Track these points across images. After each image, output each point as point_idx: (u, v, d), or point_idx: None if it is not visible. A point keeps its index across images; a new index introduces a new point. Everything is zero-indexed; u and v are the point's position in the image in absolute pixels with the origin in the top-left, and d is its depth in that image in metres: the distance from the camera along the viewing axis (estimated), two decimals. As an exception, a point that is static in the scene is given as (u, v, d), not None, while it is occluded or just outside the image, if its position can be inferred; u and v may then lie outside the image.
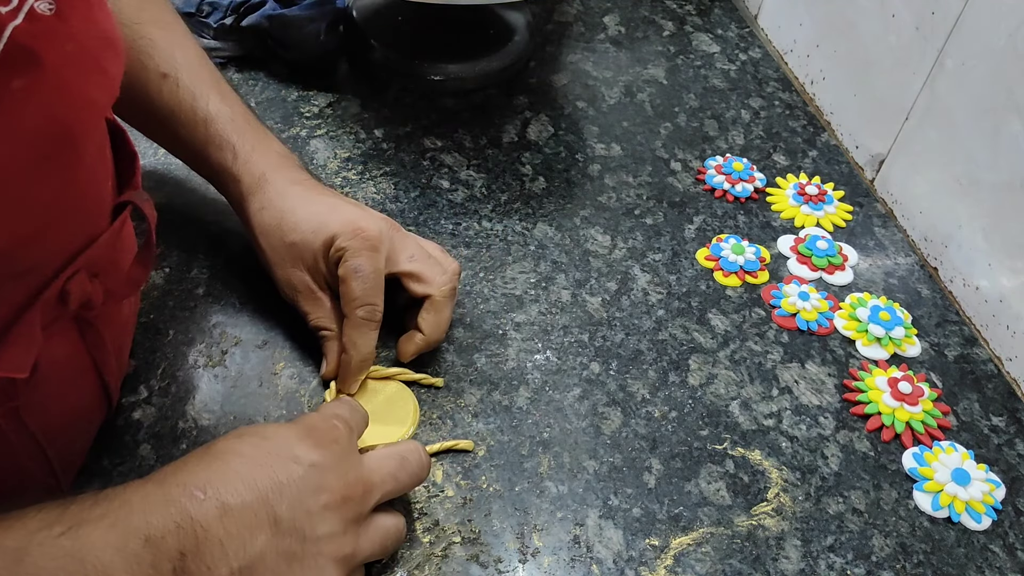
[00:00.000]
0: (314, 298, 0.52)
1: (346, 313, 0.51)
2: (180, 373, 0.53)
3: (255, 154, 0.54)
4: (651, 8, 0.92)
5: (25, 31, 0.31)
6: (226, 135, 0.54)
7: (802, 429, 0.54)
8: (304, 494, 0.38)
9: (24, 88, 0.31)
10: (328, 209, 0.52)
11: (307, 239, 0.51)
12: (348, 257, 0.50)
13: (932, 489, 0.51)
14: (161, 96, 0.53)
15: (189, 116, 0.54)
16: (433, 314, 0.53)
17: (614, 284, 0.62)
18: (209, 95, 0.54)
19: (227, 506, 0.36)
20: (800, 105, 0.80)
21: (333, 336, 0.52)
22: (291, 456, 0.39)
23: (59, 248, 0.38)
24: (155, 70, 0.53)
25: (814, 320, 0.60)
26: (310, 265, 0.52)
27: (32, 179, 0.34)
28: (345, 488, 0.40)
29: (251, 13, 0.75)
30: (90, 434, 0.48)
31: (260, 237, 0.53)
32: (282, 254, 0.52)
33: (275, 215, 0.53)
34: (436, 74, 0.77)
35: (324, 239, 0.51)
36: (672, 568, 0.46)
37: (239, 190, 0.54)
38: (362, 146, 0.71)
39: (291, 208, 0.53)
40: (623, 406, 0.54)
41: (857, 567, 0.47)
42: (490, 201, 0.67)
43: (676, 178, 0.71)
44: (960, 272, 0.64)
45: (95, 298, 0.40)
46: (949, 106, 0.64)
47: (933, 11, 0.64)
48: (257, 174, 0.54)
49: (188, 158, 0.57)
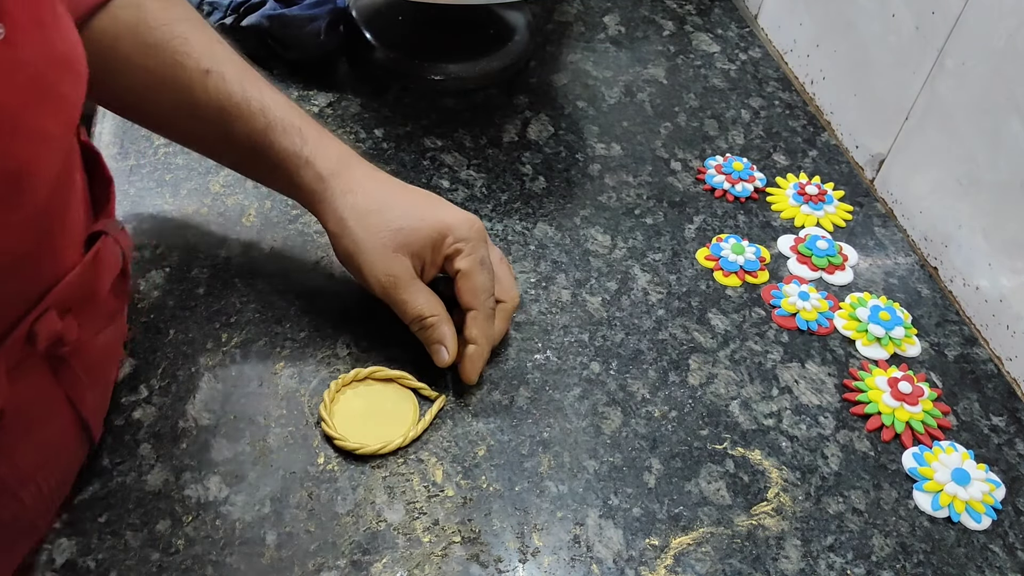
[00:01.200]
0: (415, 286, 0.51)
1: (471, 305, 0.51)
2: (180, 373, 0.53)
3: (324, 137, 0.53)
4: (651, 8, 0.92)
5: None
6: (289, 119, 0.52)
7: (802, 429, 0.54)
8: None
9: None
10: (431, 200, 0.53)
11: (417, 226, 0.51)
12: (471, 250, 0.51)
13: (932, 489, 0.51)
14: (207, 92, 0.51)
15: (243, 107, 0.51)
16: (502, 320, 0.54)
17: (614, 284, 0.62)
18: (259, 85, 0.52)
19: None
20: (800, 105, 0.80)
21: (440, 321, 0.51)
22: None
23: (23, 288, 0.36)
24: (196, 68, 0.51)
25: (814, 320, 0.60)
26: (415, 252, 0.51)
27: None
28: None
29: (251, 13, 0.75)
30: (71, 470, 0.46)
31: (351, 220, 0.51)
32: (384, 239, 0.50)
33: (373, 199, 0.51)
34: (436, 74, 0.77)
35: (438, 229, 0.51)
36: (672, 568, 0.46)
37: (314, 172, 0.52)
38: (362, 146, 0.71)
39: (390, 192, 0.52)
40: (623, 406, 0.54)
41: (857, 567, 0.47)
42: (490, 201, 0.67)
43: (676, 178, 0.71)
44: (960, 272, 0.64)
45: (68, 335, 0.38)
46: (949, 106, 0.64)
47: (933, 11, 0.64)
48: (334, 156, 0.52)
49: (244, 153, 0.53)
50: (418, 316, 0.51)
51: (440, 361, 0.52)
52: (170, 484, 0.47)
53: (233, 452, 0.49)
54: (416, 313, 0.51)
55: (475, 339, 0.52)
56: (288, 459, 0.49)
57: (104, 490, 0.47)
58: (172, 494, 0.47)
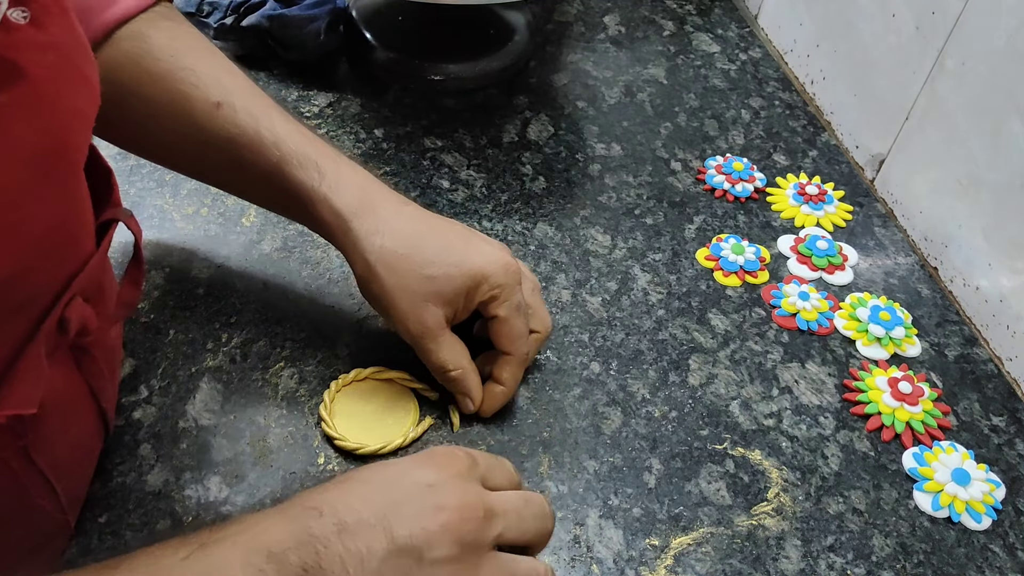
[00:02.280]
0: (443, 337, 0.50)
1: (510, 351, 0.50)
2: (180, 373, 0.53)
3: (343, 169, 0.50)
4: (651, 8, 0.92)
5: (1, 42, 0.30)
6: (304, 152, 0.49)
7: (802, 429, 0.54)
8: (422, 512, 0.36)
9: (10, 102, 0.30)
10: (463, 241, 0.50)
11: (451, 274, 0.48)
12: (507, 296, 0.49)
13: (932, 489, 0.51)
14: (215, 124, 0.49)
15: (254, 139, 0.49)
16: (534, 349, 0.53)
17: (614, 284, 0.62)
18: (271, 115, 0.50)
19: (345, 524, 0.35)
20: (800, 105, 0.80)
21: (464, 374, 0.50)
22: (410, 478, 0.38)
23: (56, 274, 0.37)
24: (204, 100, 0.49)
25: (814, 320, 0.60)
26: (447, 300, 0.49)
27: (34, 199, 0.33)
28: (463, 507, 0.37)
29: (251, 13, 0.75)
30: (92, 465, 0.47)
31: (379, 265, 0.48)
32: (414, 287, 0.48)
33: (401, 242, 0.48)
34: (436, 74, 0.77)
35: (473, 276, 0.49)
36: (672, 568, 0.46)
37: (334, 210, 0.49)
38: (362, 146, 0.71)
39: (419, 235, 0.49)
40: (623, 406, 0.54)
41: (857, 567, 0.47)
42: (490, 201, 0.67)
43: (676, 178, 0.71)
44: (960, 272, 0.64)
45: (90, 323, 0.38)
46: (949, 106, 0.64)
47: (933, 11, 0.64)
48: (357, 192, 0.49)
49: (258, 185, 0.51)
50: (442, 368, 0.50)
51: (465, 409, 0.52)
52: (170, 484, 0.47)
53: (233, 452, 0.49)
54: (440, 365, 0.50)
55: (504, 382, 0.51)
56: (288, 459, 0.49)
57: (104, 490, 0.47)
58: (172, 494, 0.47)
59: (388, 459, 0.46)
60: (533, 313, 0.53)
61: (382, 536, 0.35)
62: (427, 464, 0.39)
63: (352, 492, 0.37)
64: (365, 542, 0.35)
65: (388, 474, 0.38)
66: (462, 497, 0.37)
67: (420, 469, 0.38)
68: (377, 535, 0.35)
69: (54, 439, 0.40)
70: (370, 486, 0.37)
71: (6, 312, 0.34)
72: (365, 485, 0.38)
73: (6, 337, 0.35)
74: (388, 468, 0.39)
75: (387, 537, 0.35)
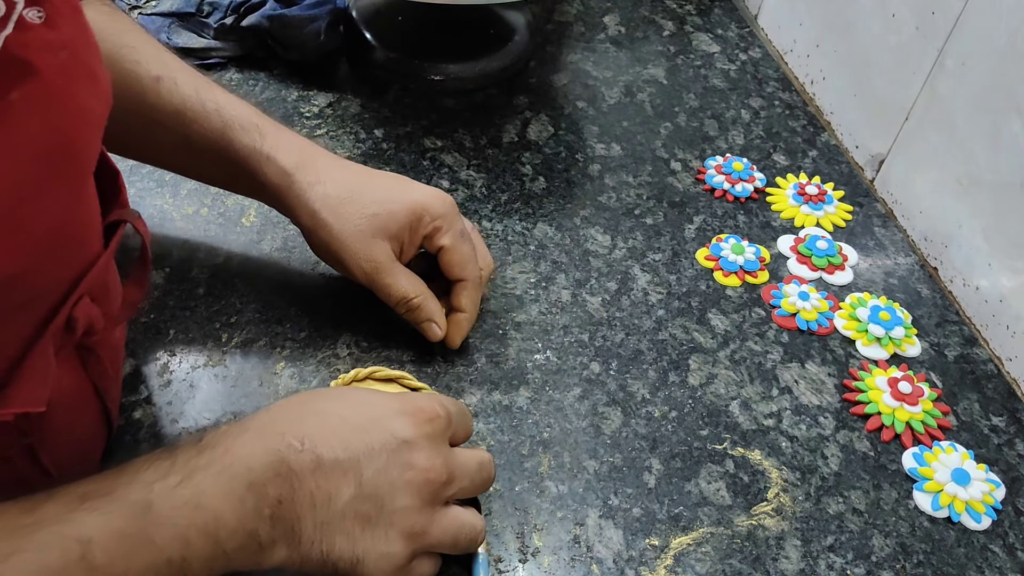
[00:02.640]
0: (396, 269, 0.52)
1: (462, 276, 0.53)
2: (180, 373, 0.53)
3: (283, 132, 0.53)
4: (651, 8, 0.92)
5: (16, 41, 0.30)
6: (246, 116, 0.52)
7: (802, 429, 0.54)
8: (391, 465, 0.39)
9: (23, 99, 0.31)
10: (401, 182, 0.54)
11: (393, 209, 0.51)
12: (449, 225, 0.52)
13: (932, 489, 0.51)
14: (160, 96, 0.51)
15: (198, 108, 0.51)
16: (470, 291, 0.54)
17: (614, 284, 0.62)
18: (212, 87, 0.53)
19: (321, 460, 0.38)
20: (800, 105, 0.80)
21: (425, 299, 0.53)
22: (387, 427, 0.40)
23: (63, 273, 0.37)
24: (147, 74, 0.51)
25: (814, 320, 0.60)
26: (394, 235, 0.52)
27: (42, 197, 0.33)
28: (429, 470, 0.40)
29: (251, 13, 0.75)
30: (95, 464, 0.47)
31: (324, 211, 0.51)
32: (360, 227, 0.51)
33: (341, 187, 0.52)
34: (436, 74, 0.77)
35: (414, 210, 0.51)
36: (672, 568, 0.46)
37: (278, 167, 0.52)
38: (362, 146, 0.71)
39: (360, 180, 0.52)
40: (623, 406, 0.54)
41: (857, 567, 0.47)
42: (490, 201, 0.67)
43: (676, 178, 0.71)
44: (960, 272, 0.64)
45: (96, 323, 0.39)
46: (949, 106, 0.64)
47: (933, 11, 0.64)
48: (296, 149, 0.52)
49: (205, 156, 0.53)
50: (403, 298, 0.52)
51: (433, 336, 0.53)
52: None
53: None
54: (401, 295, 0.52)
55: (465, 307, 0.54)
56: (288, 459, 0.49)
57: (104, 490, 0.47)
58: (172, 494, 0.47)
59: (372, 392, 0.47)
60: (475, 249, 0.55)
61: (352, 480, 0.38)
62: (406, 416, 0.41)
63: (331, 429, 0.39)
64: (335, 483, 0.38)
65: (368, 414, 0.40)
66: (431, 459, 0.40)
67: (399, 420, 0.41)
68: (348, 478, 0.38)
69: (59, 438, 0.40)
70: (349, 425, 0.40)
71: (13, 309, 0.34)
72: (344, 423, 0.40)
73: (13, 335, 0.35)
74: (369, 407, 0.41)
75: (356, 482, 0.38)
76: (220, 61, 0.77)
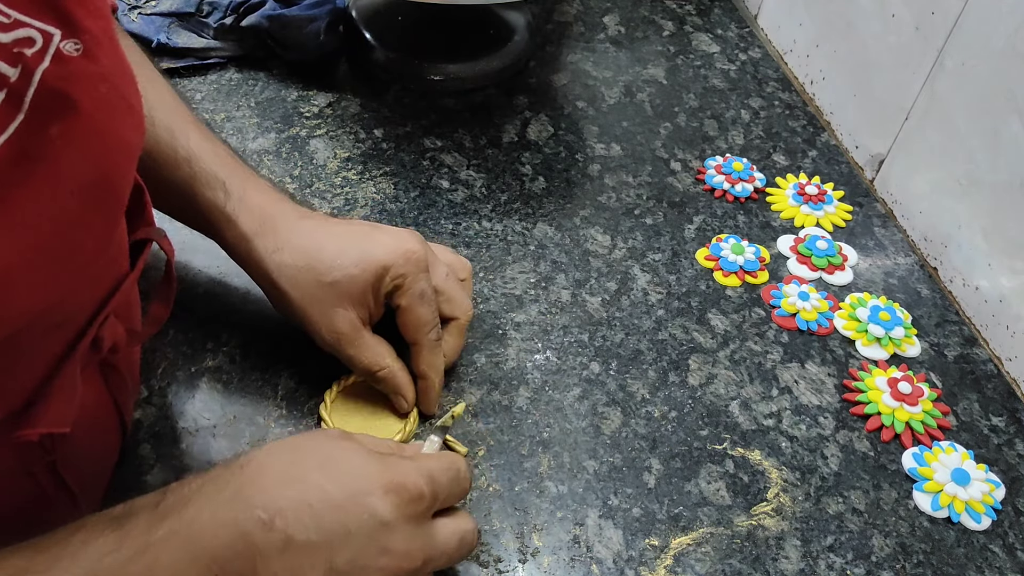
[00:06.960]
0: (360, 339, 0.50)
1: (416, 340, 0.50)
2: (180, 373, 0.53)
3: (249, 191, 0.51)
4: (651, 8, 0.92)
5: (54, 74, 0.30)
6: (213, 171, 0.50)
7: (802, 429, 0.54)
8: (366, 549, 0.37)
9: (62, 135, 0.30)
10: (361, 238, 0.50)
11: (352, 274, 0.48)
12: (409, 284, 0.49)
13: (932, 489, 0.51)
14: None
15: (169, 154, 0.49)
16: (455, 337, 0.53)
17: (614, 284, 0.62)
18: (188, 131, 0.50)
19: (291, 541, 0.35)
20: (800, 105, 0.80)
21: (391, 372, 0.50)
22: (367, 506, 0.38)
23: (93, 294, 0.37)
24: None
25: (814, 320, 0.60)
26: (356, 301, 0.49)
27: (79, 229, 0.32)
28: (406, 557, 0.38)
29: (251, 13, 0.75)
30: (110, 474, 0.47)
31: (282, 281, 0.49)
32: (319, 296, 0.49)
33: (300, 255, 0.49)
34: (436, 74, 0.77)
35: (374, 271, 0.49)
36: (672, 568, 0.46)
37: (238, 232, 0.50)
38: (362, 146, 0.71)
39: (318, 245, 0.49)
40: (623, 406, 0.54)
41: (857, 567, 0.47)
42: (490, 201, 0.67)
43: (676, 178, 0.71)
44: (960, 272, 0.64)
45: (121, 341, 0.39)
46: (949, 106, 0.64)
47: (933, 11, 0.64)
48: (258, 213, 0.50)
49: (172, 203, 0.51)
50: (367, 370, 0.50)
51: (401, 410, 0.51)
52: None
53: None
54: (365, 367, 0.50)
55: (423, 374, 0.51)
56: (288, 459, 0.49)
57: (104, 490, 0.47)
58: (172, 494, 0.47)
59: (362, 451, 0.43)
60: (448, 299, 0.52)
61: (321, 563, 0.36)
62: (389, 496, 0.38)
63: (308, 504, 0.37)
64: (305, 562, 0.36)
65: (350, 488, 0.38)
66: (408, 545, 0.38)
67: (381, 499, 0.38)
68: (318, 558, 0.36)
69: (80, 453, 0.40)
70: (327, 501, 0.37)
71: (44, 333, 0.34)
72: (323, 498, 0.37)
73: (43, 356, 0.35)
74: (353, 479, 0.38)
75: (326, 567, 0.36)
76: (220, 61, 0.77)
